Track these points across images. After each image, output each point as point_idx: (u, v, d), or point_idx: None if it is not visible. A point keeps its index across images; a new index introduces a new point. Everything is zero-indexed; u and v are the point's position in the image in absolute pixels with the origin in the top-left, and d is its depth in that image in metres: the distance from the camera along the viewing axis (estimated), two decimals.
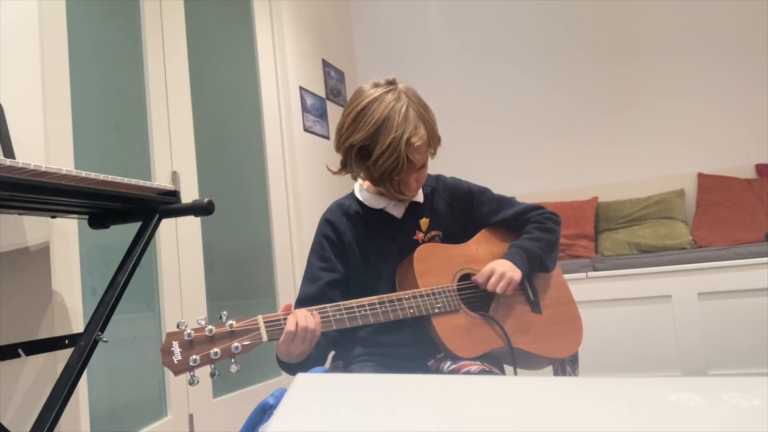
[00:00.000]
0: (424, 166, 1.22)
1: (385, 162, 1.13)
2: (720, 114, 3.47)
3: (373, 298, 1.12)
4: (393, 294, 1.14)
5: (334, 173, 1.26)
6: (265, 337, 1.00)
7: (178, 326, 0.95)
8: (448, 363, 1.17)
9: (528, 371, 1.33)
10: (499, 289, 1.20)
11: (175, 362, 0.92)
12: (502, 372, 1.26)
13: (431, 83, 3.89)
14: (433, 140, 1.21)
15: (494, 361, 1.24)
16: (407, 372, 1.17)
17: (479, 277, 1.22)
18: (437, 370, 1.18)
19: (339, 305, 1.08)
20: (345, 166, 1.23)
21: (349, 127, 1.17)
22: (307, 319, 1.02)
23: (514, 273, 1.23)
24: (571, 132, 3.75)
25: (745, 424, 0.39)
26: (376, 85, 1.19)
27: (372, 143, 1.13)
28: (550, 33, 3.83)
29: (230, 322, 0.98)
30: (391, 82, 1.20)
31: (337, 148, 1.22)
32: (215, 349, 0.94)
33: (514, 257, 1.27)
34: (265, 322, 1.01)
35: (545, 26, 3.85)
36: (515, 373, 1.20)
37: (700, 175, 3.42)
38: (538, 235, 1.33)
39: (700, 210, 3.30)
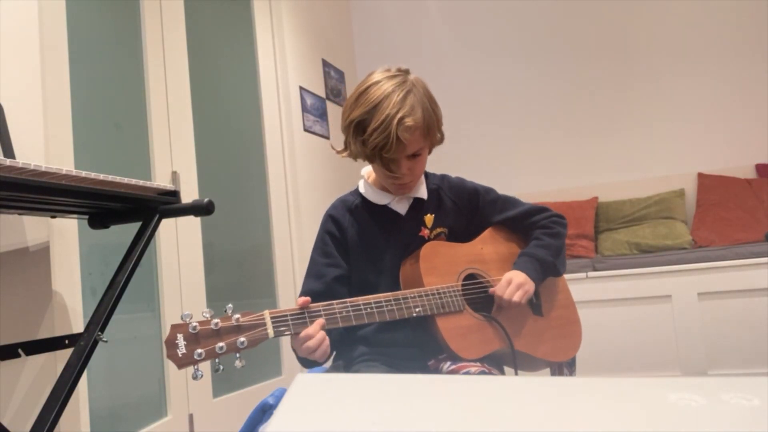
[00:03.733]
0: (419, 156, 1.21)
1: (376, 138, 1.13)
2: (720, 114, 3.47)
3: (380, 296, 1.11)
4: (399, 292, 1.13)
5: (338, 152, 1.27)
6: (271, 333, 0.98)
7: (182, 318, 0.93)
8: (448, 363, 1.17)
9: (526, 373, 1.33)
10: (515, 298, 1.20)
11: (180, 355, 0.90)
12: (502, 373, 1.26)
13: (431, 83, 3.84)
14: (431, 131, 1.21)
15: (494, 363, 1.24)
16: (408, 372, 1.17)
17: (497, 290, 1.21)
18: (437, 370, 1.18)
19: (345, 302, 1.07)
20: (347, 146, 1.24)
21: (351, 105, 1.19)
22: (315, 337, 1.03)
23: (529, 285, 1.23)
24: (572, 132, 3.75)
25: (745, 424, 0.39)
26: (387, 71, 1.21)
27: (368, 119, 1.15)
28: (551, 33, 3.83)
29: (236, 316, 0.96)
30: (403, 71, 1.21)
31: (342, 128, 1.24)
32: (221, 344, 0.92)
33: (528, 267, 1.26)
34: (272, 318, 0.99)
35: (545, 27, 3.85)
36: (516, 375, 1.20)
37: (700, 175, 3.42)
38: (548, 242, 1.32)
39: (700, 210, 3.30)
